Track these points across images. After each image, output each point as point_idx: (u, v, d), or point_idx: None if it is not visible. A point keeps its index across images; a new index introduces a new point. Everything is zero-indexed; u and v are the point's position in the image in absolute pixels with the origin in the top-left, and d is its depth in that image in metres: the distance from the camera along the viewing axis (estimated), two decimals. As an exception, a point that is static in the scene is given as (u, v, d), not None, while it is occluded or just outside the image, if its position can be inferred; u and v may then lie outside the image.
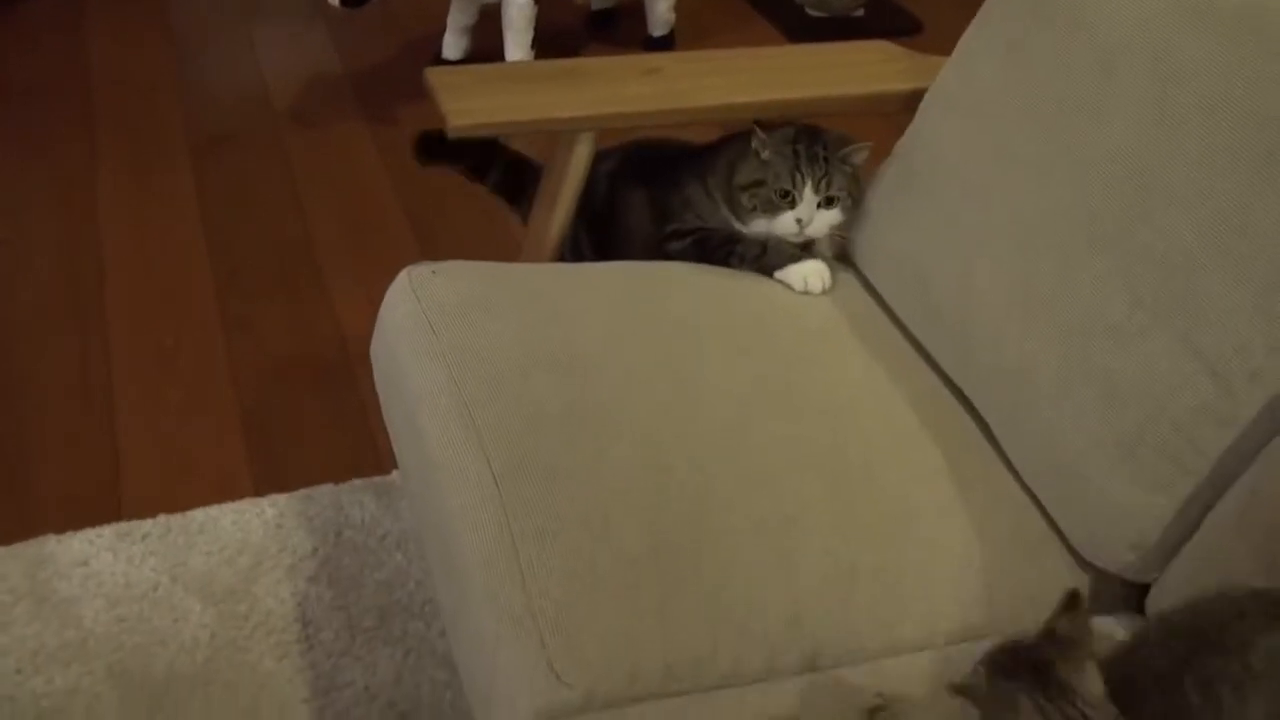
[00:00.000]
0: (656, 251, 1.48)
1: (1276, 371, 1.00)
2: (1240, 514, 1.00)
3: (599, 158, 1.49)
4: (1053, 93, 1.22)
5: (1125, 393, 1.08)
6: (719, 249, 1.43)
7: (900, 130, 1.43)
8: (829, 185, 1.39)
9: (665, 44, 3.03)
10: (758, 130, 1.41)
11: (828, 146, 1.41)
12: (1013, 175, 1.24)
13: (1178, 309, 1.06)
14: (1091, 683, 0.76)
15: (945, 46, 1.43)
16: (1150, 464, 1.07)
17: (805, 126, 1.44)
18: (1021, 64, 1.27)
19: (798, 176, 1.38)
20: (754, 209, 1.41)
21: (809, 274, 1.39)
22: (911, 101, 1.44)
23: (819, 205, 1.40)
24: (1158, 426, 1.06)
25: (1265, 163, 1.03)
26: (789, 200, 1.39)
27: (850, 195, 1.41)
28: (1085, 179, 1.16)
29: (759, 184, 1.40)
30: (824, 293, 1.40)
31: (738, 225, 1.44)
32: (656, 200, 1.52)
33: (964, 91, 1.35)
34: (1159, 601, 1.08)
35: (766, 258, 1.41)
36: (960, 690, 0.79)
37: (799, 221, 1.39)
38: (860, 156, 1.43)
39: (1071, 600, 0.81)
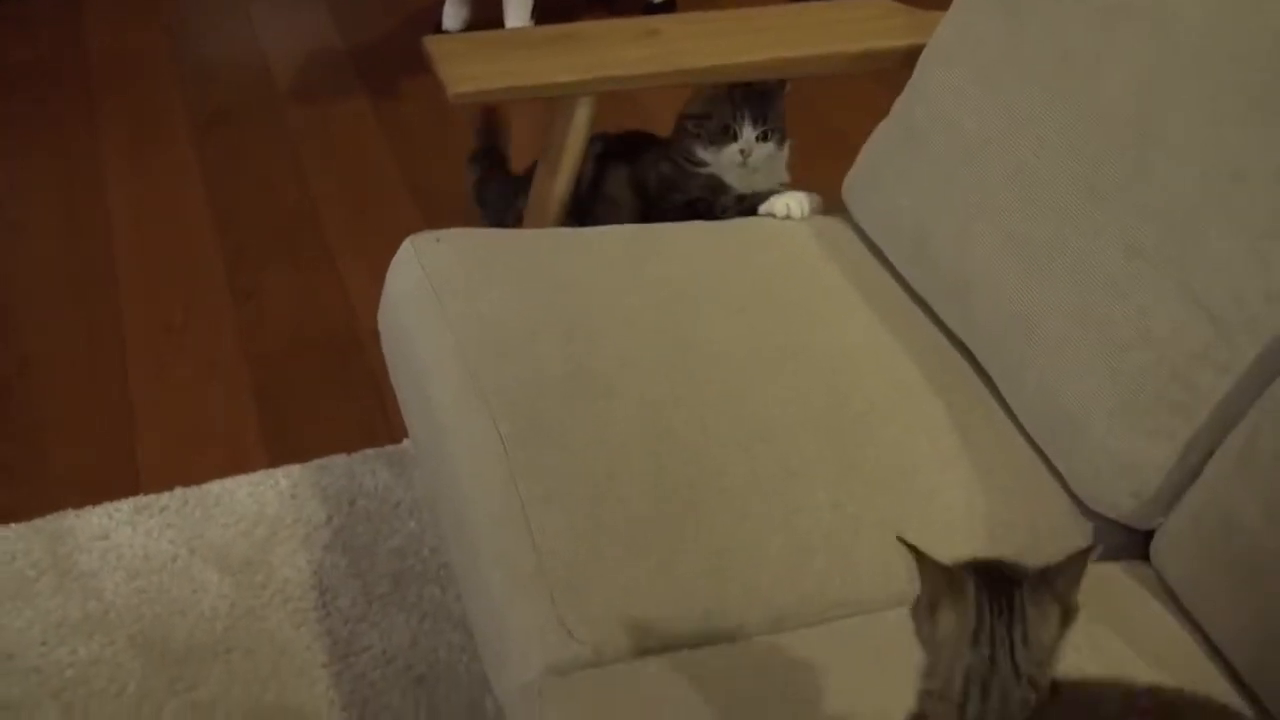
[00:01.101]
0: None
1: (1274, 317, 1.01)
2: (1241, 459, 1.01)
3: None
4: (1050, 46, 1.22)
5: (1124, 341, 1.09)
6: (707, 209, 1.55)
7: (897, 88, 1.43)
8: (765, 120, 1.54)
9: (666, 9, 3.02)
10: None
11: (766, 84, 1.55)
12: (1011, 129, 1.24)
13: (1176, 258, 1.06)
14: (1045, 625, 0.71)
15: (945, 3, 1.42)
16: (1150, 411, 1.07)
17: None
18: (1019, 18, 1.27)
19: (738, 113, 1.53)
20: (699, 137, 1.55)
21: (790, 201, 1.50)
22: (909, 58, 1.43)
23: (758, 139, 1.54)
24: (1157, 374, 1.07)
25: (1261, 111, 1.04)
26: (731, 134, 1.54)
27: (782, 130, 1.57)
28: (1083, 131, 1.16)
29: (706, 116, 1.55)
30: (803, 218, 1.49)
31: (688, 166, 1.57)
32: (637, 175, 1.63)
33: (962, 47, 1.35)
34: (1162, 548, 1.09)
35: (751, 199, 1.53)
36: (917, 552, 0.73)
37: (742, 153, 1.54)
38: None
39: (1080, 554, 0.74)
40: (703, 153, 1.56)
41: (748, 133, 1.54)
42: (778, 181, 1.60)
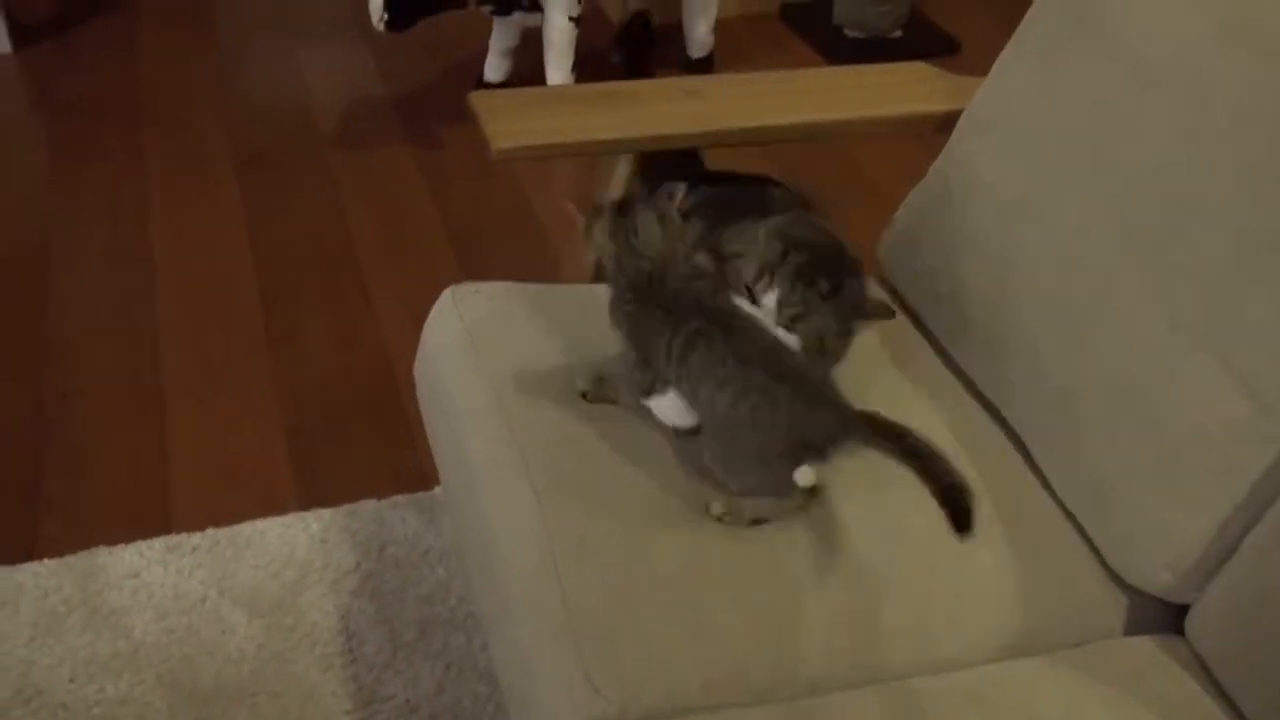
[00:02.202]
0: None
1: (1315, 392, 1.00)
2: None
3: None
4: (1089, 113, 1.23)
5: (1162, 413, 1.09)
6: None
7: (934, 152, 1.44)
8: (802, 321, 1.18)
9: (704, 66, 3.05)
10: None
11: (840, 291, 1.18)
12: (1049, 195, 1.24)
13: (1215, 329, 1.06)
14: (650, 226, 1.13)
15: (983, 66, 1.44)
16: (1188, 484, 1.07)
17: (830, 245, 1.22)
18: (1057, 84, 1.28)
19: (763, 280, 1.19)
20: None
21: None
22: (947, 122, 1.45)
23: (778, 324, 1.18)
24: (1195, 446, 1.06)
25: (1302, 184, 1.04)
26: (749, 294, 1.21)
27: (833, 350, 1.21)
28: (1121, 199, 1.17)
29: (737, 254, 1.23)
30: None
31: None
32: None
33: (1000, 111, 1.36)
34: (1197, 623, 1.08)
35: None
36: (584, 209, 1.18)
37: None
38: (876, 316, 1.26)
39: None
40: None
41: (767, 308, 1.19)
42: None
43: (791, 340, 1.17)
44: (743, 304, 1.16)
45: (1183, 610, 1.11)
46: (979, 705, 1.01)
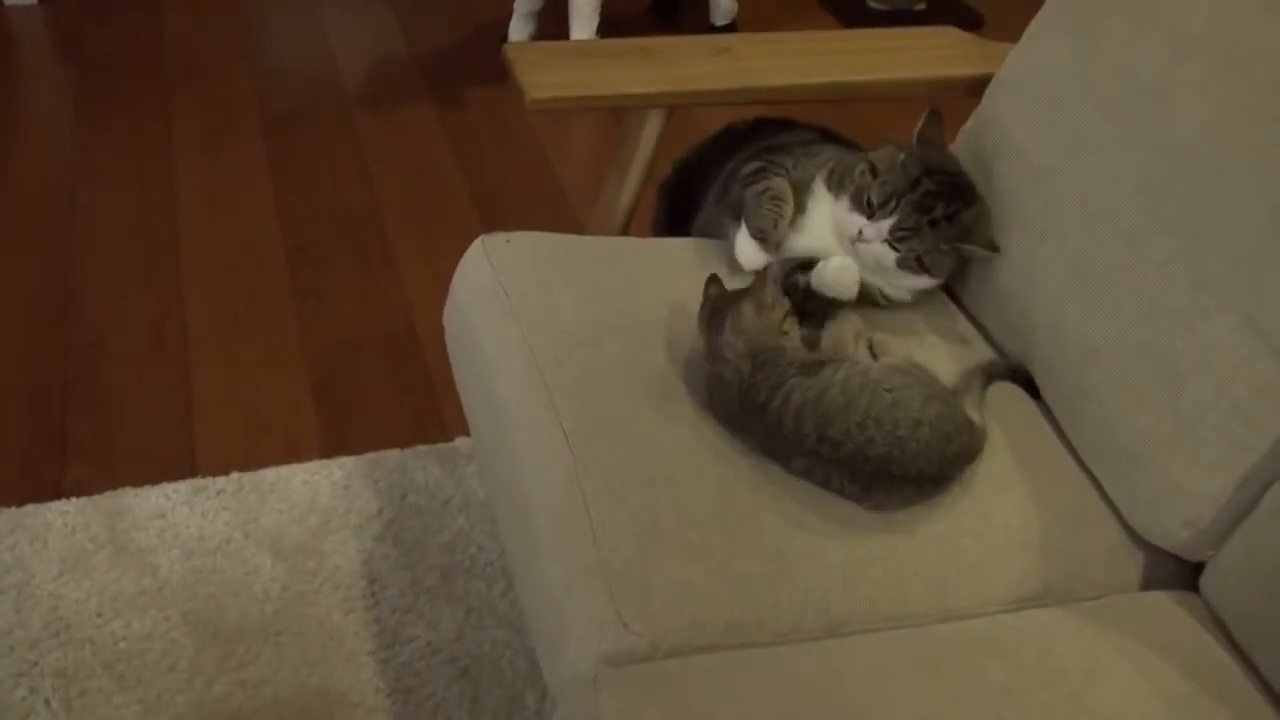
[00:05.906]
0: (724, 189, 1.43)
1: (1339, 353, 1.02)
2: (1298, 495, 1.02)
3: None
4: (1121, 78, 1.24)
5: (1186, 373, 1.10)
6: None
7: (953, 117, 1.44)
8: (906, 240, 1.25)
9: (727, 31, 3.05)
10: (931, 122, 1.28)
11: (953, 218, 1.25)
12: (1079, 159, 1.25)
13: (1241, 291, 1.07)
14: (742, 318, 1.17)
15: (1006, 40, 1.45)
16: (1209, 443, 1.08)
17: (959, 174, 1.30)
18: (1090, 49, 1.29)
19: (891, 203, 1.24)
20: (830, 178, 1.29)
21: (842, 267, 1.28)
22: (977, 87, 1.46)
23: (886, 241, 1.25)
24: (1217, 407, 1.08)
25: (1334, 148, 1.05)
26: (869, 209, 1.25)
27: (931, 265, 1.27)
28: (1152, 163, 1.18)
29: (864, 170, 1.27)
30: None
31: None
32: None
33: (1032, 76, 1.36)
34: (1213, 580, 1.10)
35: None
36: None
37: (860, 231, 1.25)
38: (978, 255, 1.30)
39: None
40: (822, 190, 1.29)
41: (882, 227, 1.24)
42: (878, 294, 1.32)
43: (890, 254, 1.26)
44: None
45: (1198, 568, 1.13)
46: (996, 651, 1.03)
